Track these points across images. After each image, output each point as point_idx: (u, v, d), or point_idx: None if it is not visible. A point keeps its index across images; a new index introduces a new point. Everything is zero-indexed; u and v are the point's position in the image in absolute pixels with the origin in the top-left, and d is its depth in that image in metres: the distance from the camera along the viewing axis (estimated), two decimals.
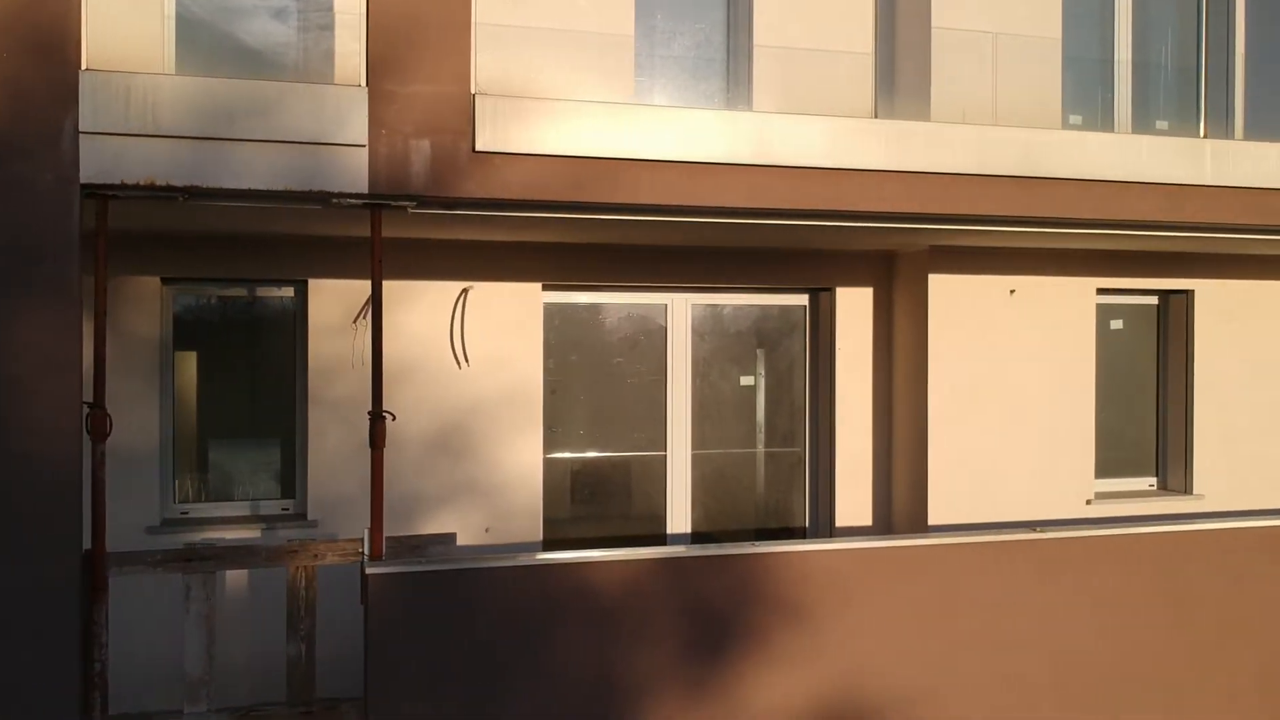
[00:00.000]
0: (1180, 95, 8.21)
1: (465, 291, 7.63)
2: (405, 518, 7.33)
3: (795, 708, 5.77)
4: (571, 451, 8.17)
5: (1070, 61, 7.72)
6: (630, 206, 5.95)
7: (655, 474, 8.33)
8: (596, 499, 8.30)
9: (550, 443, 8.01)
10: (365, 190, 5.50)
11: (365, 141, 5.48)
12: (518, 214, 5.92)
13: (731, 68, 7.12)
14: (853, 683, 5.84)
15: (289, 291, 7.56)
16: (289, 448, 7.57)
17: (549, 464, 8.01)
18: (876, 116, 6.80)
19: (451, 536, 6.14)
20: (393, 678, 5.35)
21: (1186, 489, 8.75)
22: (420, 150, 5.53)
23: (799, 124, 6.08)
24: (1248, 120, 7.94)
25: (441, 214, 5.90)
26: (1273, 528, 6.65)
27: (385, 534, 5.78)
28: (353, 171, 5.48)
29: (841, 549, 6.00)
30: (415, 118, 5.53)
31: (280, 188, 5.41)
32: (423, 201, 5.67)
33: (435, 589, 5.44)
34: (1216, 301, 8.83)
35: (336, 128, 5.44)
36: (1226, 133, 7.73)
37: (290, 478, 7.57)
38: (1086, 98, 7.93)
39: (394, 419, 6.02)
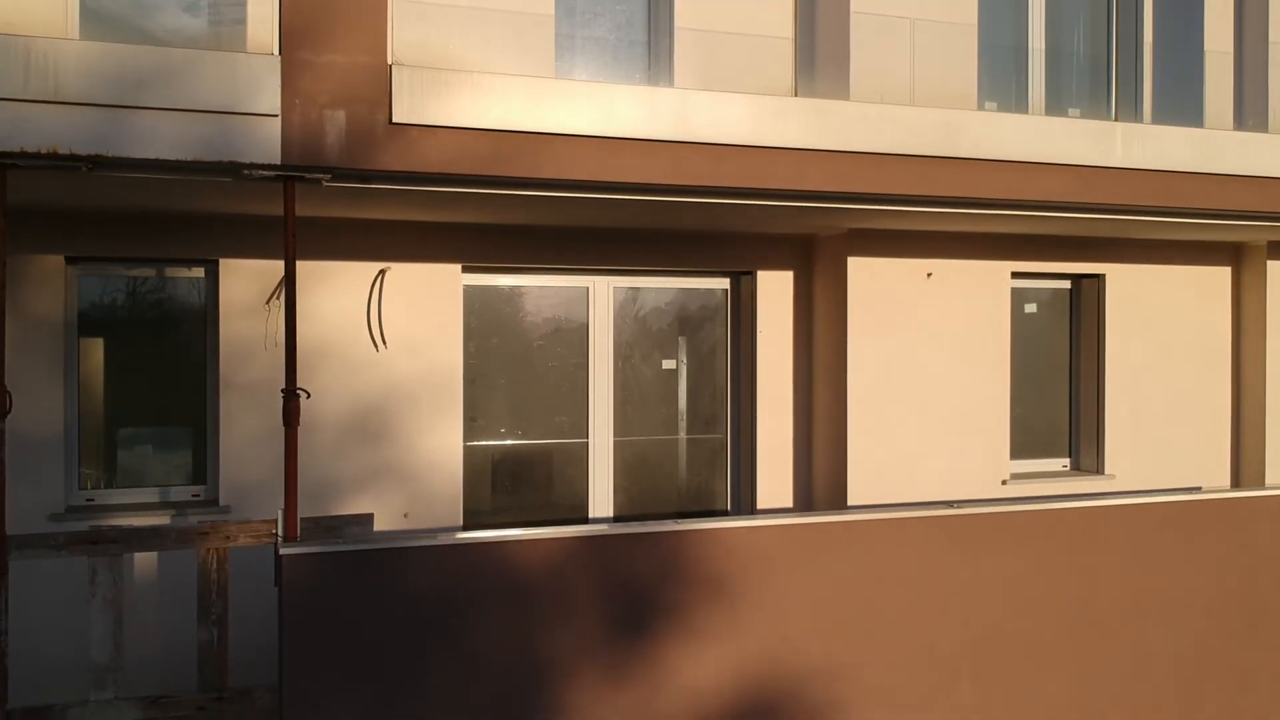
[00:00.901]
0: (1091, 83, 8.38)
1: (382, 272, 7.50)
2: (321, 502, 7.19)
3: (718, 683, 5.77)
4: (492, 436, 8.08)
5: (986, 49, 7.84)
6: (551, 182, 5.89)
7: (577, 460, 8.28)
8: (518, 485, 8.22)
9: (470, 427, 7.92)
10: (278, 161, 5.37)
11: (278, 111, 5.35)
12: (436, 188, 5.82)
13: (653, 44, 7.09)
14: (775, 657, 5.85)
15: (199, 272, 7.36)
16: (200, 432, 7.37)
17: (469, 448, 7.91)
18: (797, 96, 6.81)
19: (369, 518, 6.03)
20: (308, 662, 5.23)
21: (1098, 469, 8.94)
22: (335, 121, 5.42)
23: (721, 101, 6.08)
24: (1155, 105, 8.14)
25: (358, 188, 5.77)
26: (1177, 503, 6.81)
27: (300, 515, 5.65)
28: (265, 142, 5.34)
29: (762, 526, 6.00)
30: (330, 88, 5.41)
31: (190, 158, 5.26)
32: (338, 174, 5.55)
33: (352, 570, 5.33)
34: (1126, 286, 9.03)
35: (249, 97, 5.30)
36: (1135, 117, 7.91)
37: (201, 463, 7.38)
38: (1002, 84, 8.06)
39: (308, 396, 5.89)
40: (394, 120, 5.50)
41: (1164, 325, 9.15)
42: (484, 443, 8.04)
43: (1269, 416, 9.07)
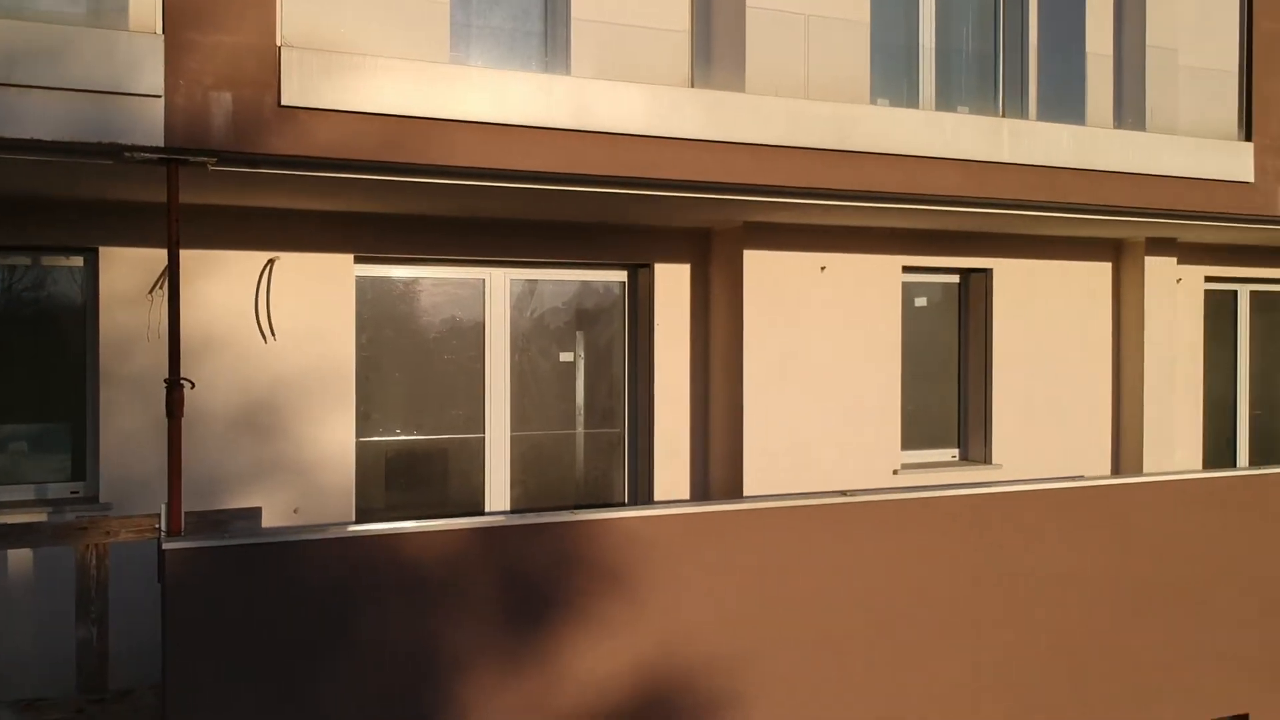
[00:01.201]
0: (979, 82, 8.58)
1: (271, 262, 7.30)
2: (208, 499, 6.98)
3: (617, 673, 5.75)
4: (386, 431, 7.95)
5: (879, 46, 7.98)
6: (445, 169, 5.81)
7: (473, 455, 8.19)
8: (412, 481, 8.10)
9: (363, 421, 7.77)
10: (161, 144, 5.20)
11: (161, 92, 5.18)
12: (326, 174, 5.69)
13: (550, 34, 7.04)
14: (674, 646, 5.85)
15: (78, 261, 7.08)
16: (79, 427, 7.10)
17: (362, 443, 7.77)
18: (694, 87, 6.83)
19: (257, 511, 5.87)
20: (194, 661, 5.06)
21: (986, 459, 9.17)
22: (221, 103, 5.26)
23: (617, 91, 6.07)
24: (1040, 105, 8.38)
25: (245, 172, 5.60)
26: (1061, 490, 7.00)
27: (185, 509, 5.47)
28: (148, 124, 5.17)
29: (661, 515, 6.01)
30: (216, 69, 5.25)
31: (67, 138, 5.05)
32: (224, 158, 5.38)
33: (240, 565, 5.17)
34: (1013, 280, 9.27)
35: (130, 77, 5.12)
36: (1022, 115, 8.12)
37: (81, 460, 7.11)
38: (893, 82, 8.20)
39: (193, 386, 5.70)
40: (283, 103, 5.37)
41: (1049, 319, 9.41)
42: (377, 437, 7.90)
43: (1147, 407, 9.40)
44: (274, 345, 7.31)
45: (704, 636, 5.94)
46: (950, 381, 9.44)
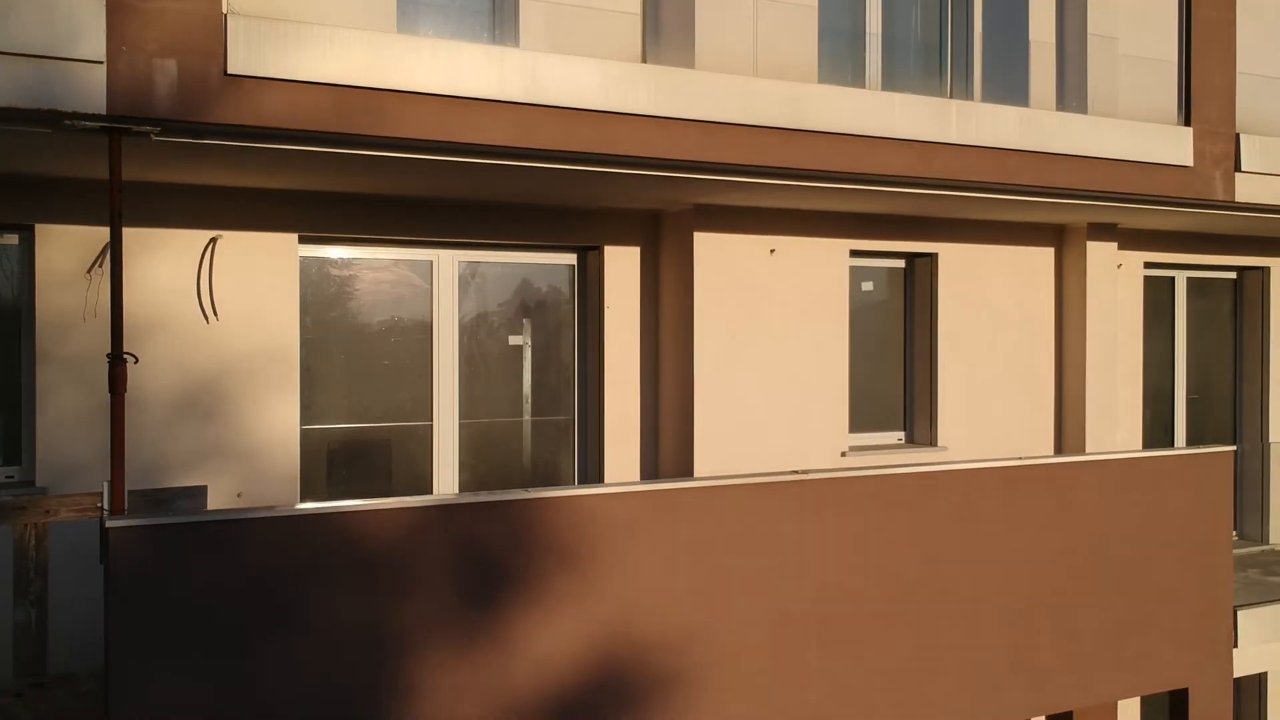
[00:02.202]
0: (925, 69, 8.66)
1: (213, 241, 7.16)
2: (150, 483, 6.80)
3: (571, 652, 5.71)
4: (331, 414, 7.83)
5: (826, 31, 8.01)
6: (396, 141, 5.72)
7: (421, 440, 8.10)
8: (358, 466, 7.99)
9: (308, 404, 7.65)
10: (103, 111, 5.05)
11: (103, 58, 5.03)
12: (274, 145, 5.58)
13: (498, 6, 6.96)
14: (628, 625, 5.83)
15: (13, 239, 6.89)
16: (14, 410, 6.90)
17: (307, 427, 7.64)
18: (646, 62, 6.81)
19: (202, 490, 5.75)
20: (137, 643, 4.93)
21: (932, 441, 9.26)
22: (165, 71, 5.13)
23: (570, 64, 6.02)
24: (984, 90, 8.47)
25: (190, 143, 5.47)
26: (1005, 468, 7.08)
27: (129, 488, 5.34)
28: (89, 91, 5.02)
29: (616, 493, 5.97)
30: (160, 35, 5.12)
31: (2, 104, 4.89)
32: (168, 127, 5.25)
33: (185, 544, 5.05)
34: (958, 265, 9.37)
35: (70, 41, 4.97)
36: (967, 96, 8.20)
37: (16, 443, 6.91)
38: (840, 67, 8.24)
39: (136, 361, 5.57)
40: (229, 72, 5.25)
41: (993, 303, 9.53)
42: (322, 422, 7.78)
43: (1089, 390, 9.55)
44: (216, 326, 7.17)
45: (656, 614, 5.92)
46: (896, 365, 9.52)
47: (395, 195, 7.49)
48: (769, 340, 8.44)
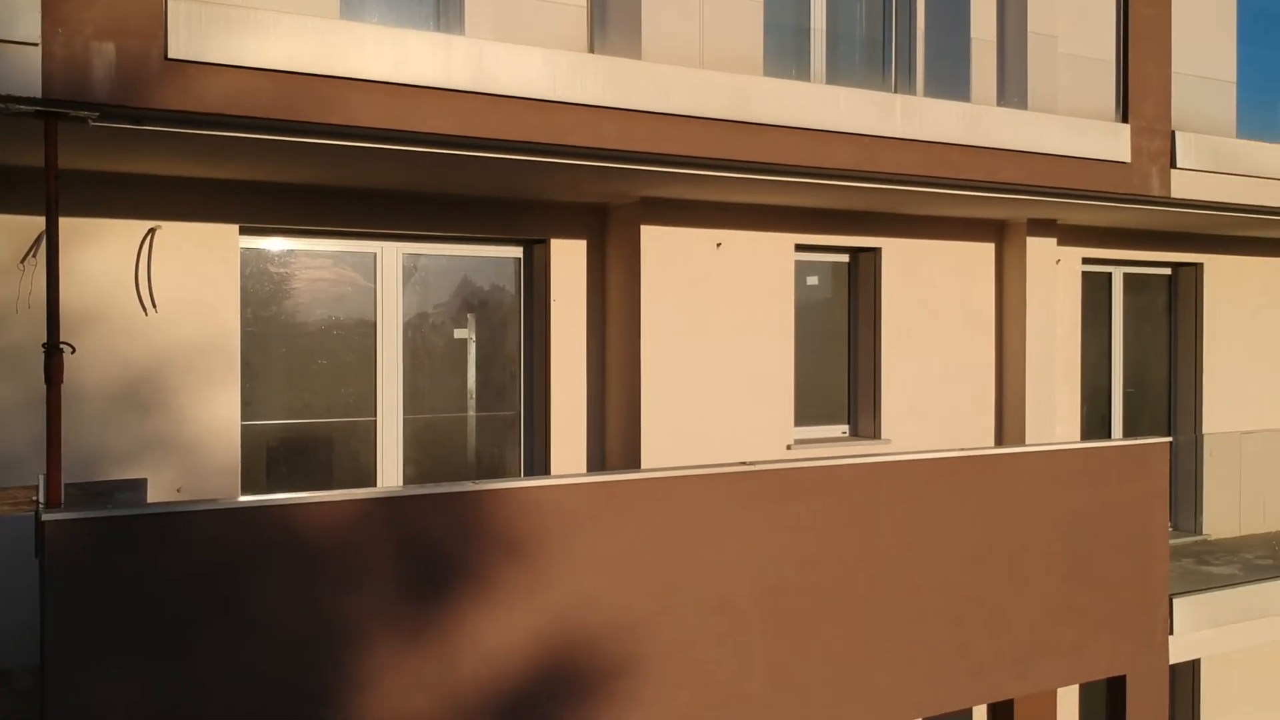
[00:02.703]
0: (868, 65, 8.74)
1: (152, 231, 7.03)
2: (88, 475, 6.67)
3: (519, 645, 5.68)
4: (273, 408, 7.73)
5: (771, 26, 8.05)
6: (343, 129, 5.64)
7: (364, 435, 8.02)
8: (300, 462, 7.89)
9: (249, 398, 7.54)
10: (38, 95, 4.94)
11: (39, 40, 4.93)
12: (216, 132, 5.47)
13: None
14: (575, 616, 5.81)
15: None
16: None
17: (248, 421, 7.54)
18: (593, 53, 6.79)
19: (142, 482, 5.65)
20: (75, 639, 4.83)
21: (875, 434, 9.34)
22: (104, 54, 5.03)
23: (517, 53, 5.99)
24: (927, 87, 8.56)
25: (129, 129, 5.34)
26: (948, 459, 7.16)
27: (65, 481, 5.22)
28: (24, 74, 4.91)
29: (563, 484, 5.96)
30: (98, 17, 5.01)
31: None
32: (107, 112, 5.12)
33: (124, 538, 4.95)
34: (901, 260, 9.46)
35: (3, 22, 4.85)
36: (911, 92, 8.28)
37: None
38: (785, 63, 8.29)
39: (73, 351, 5.44)
40: (170, 56, 5.16)
41: (935, 298, 9.63)
42: (263, 416, 7.67)
43: (1029, 383, 9.70)
44: (155, 318, 7.04)
45: (603, 605, 5.92)
46: (841, 359, 9.60)
47: (339, 186, 7.40)
48: (715, 334, 8.47)
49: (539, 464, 8.50)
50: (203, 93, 5.25)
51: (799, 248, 9.00)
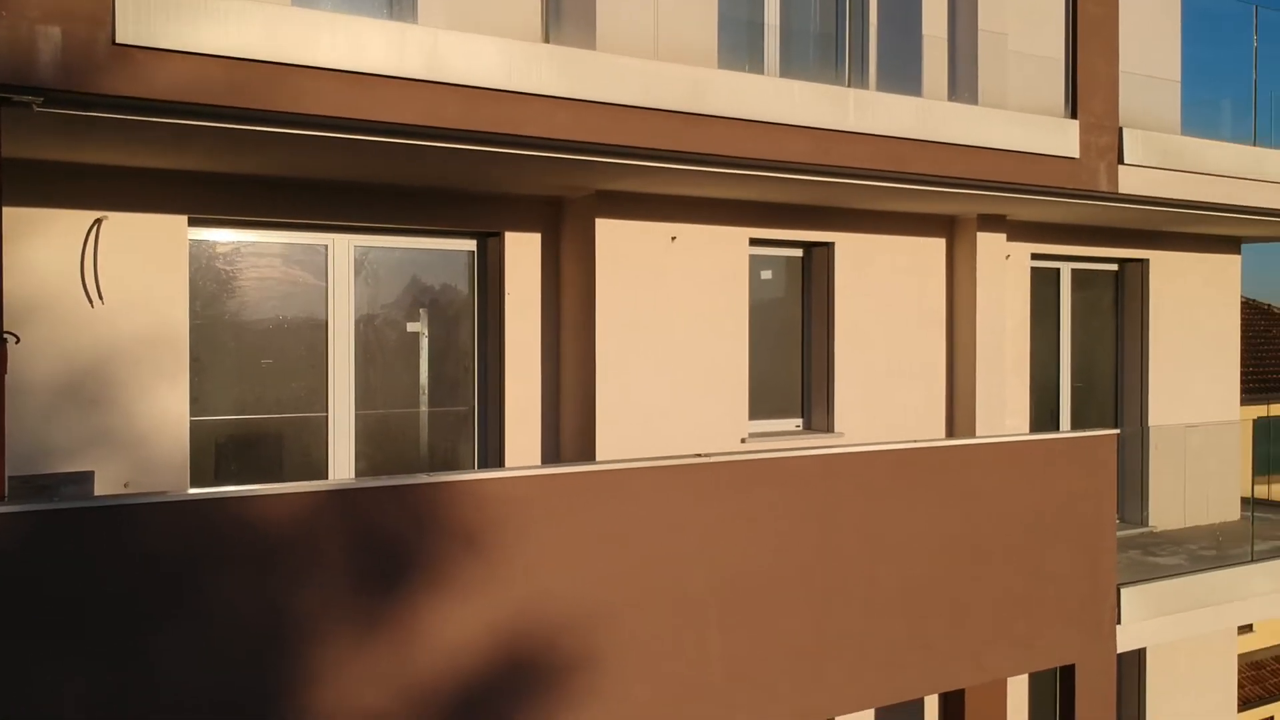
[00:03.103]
0: (821, 60, 8.78)
1: (98, 222, 6.91)
2: (32, 469, 6.54)
3: (474, 639, 5.64)
4: (222, 402, 7.62)
5: (725, 21, 8.06)
6: (293, 117, 5.57)
7: (315, 431, 7.93)
8: (250, 457, 7.79)
9: (198, 392, 7.43)
10: None
11: None
12: (166, 119, 5.39)
13: None
14: (531, 610, 5.78)
15: None
16: None
17: (197, 415, 7.43)
18: (548, 43, 6.76)
19: (89, 475, 5.54)
20: (20, 635, 4.73)
21: (829, 427, 9.39)
22: (49, 38, 4.92)
23: (472, 42, 5.95)
24: (879, 83, 8.62)
25: (76, 115, 5.25)
26: (902, 450, 7.22)
27: (9, 474, 5.11)
28: None
29: (519, 476, 5.93)
30: (43, 1, 4.90)
31: None
32: (52, 98, 5.04)
33: (72, 531, 4.86)
34: (854, 254, 9.52)
35: None
36: (863, 87, 8.33)
37: None
38: (739, 56, 8.30)
39: (18, 341, 5.33)
40: (118, 41, 5.05)
41: (887, 292, 9.71)
42: (212, 411, 7.56)
43: (979, 377, 9.80)
44: (102, 311, 6.92)
45: (560, 598, 5.89)
46: (794, 353, 9.64)
47: (290, 177, 7.32)
48: (670, 328, 8.47)
49: (493, 459, 8.46)
50: (152, 79, 5.16)
51: (753, 242, 9.03)
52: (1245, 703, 21.30)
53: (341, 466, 7.95)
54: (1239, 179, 9.66)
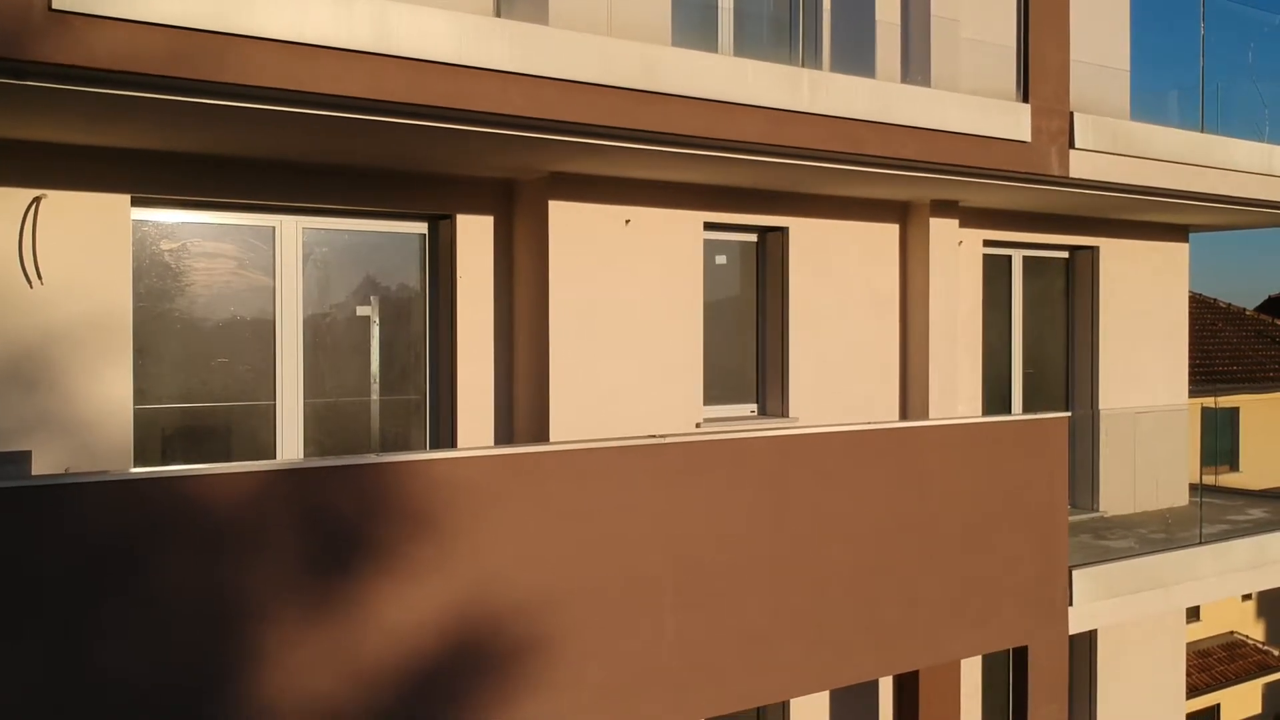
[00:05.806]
0: (775, 43, 8.76)
1: (37, 200, 6.74)
2: None
3: (427, 620, 5.55)
4: (167, 387, 7.46)
5: (679, 3, 8.03)
6: (238, 89, 5.44)
7: (263, 418, 7.78)
8: (194, 442, 7.63)
9: (141, 377, 7.27)
10: None
11: None
12: (105, 89, 5.24)
13: None
14: (482, 592, 5.70)
15: None
16: None
17: (141, 402, 7.26)
18: (500, 16, 6.67)
19: (25, 455, 5.39)
20: None
21: (783, 413, 9.38)
22: None
23: (421, 14, 5.84)
24: (833, 66, 8.61)
25: (9, 84, 5.10)
26: (856, 432, 7.21)
27: None
28: None
29: (470, 456, 5.85)
30: None
31: None
32: None
33: (9, 511, 4.72)
34: (808, 239, 9.51)
35: None
36: (817, 68, 8.32)
37: None
38: (692, 36, 8.26)
39: None
40: (54, 7, 4.90)
41: (841, 278, 9.71)
42: (156, 397, 7.40)
43: (931, 362, 9.83)
44: (41, 292, 6.75)
45: (513, 580, 5.82)
46: (749, 338, 9.62)
47: (236, 155, 7.17)
48: (624, 312, 8.41)
49: (445, 443, 8.36)
50: (91, 48, 5.01)
51: (708, 226, 8.99)
52: (1194, 689, 21.64)
53: (290, 455, 7.81)
54: (1186, 165, 9.76)
